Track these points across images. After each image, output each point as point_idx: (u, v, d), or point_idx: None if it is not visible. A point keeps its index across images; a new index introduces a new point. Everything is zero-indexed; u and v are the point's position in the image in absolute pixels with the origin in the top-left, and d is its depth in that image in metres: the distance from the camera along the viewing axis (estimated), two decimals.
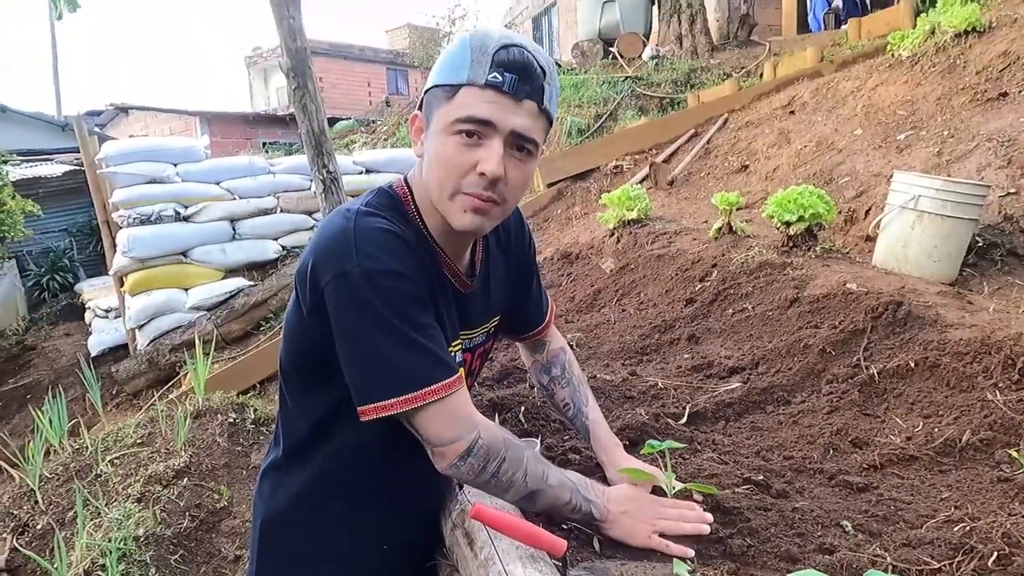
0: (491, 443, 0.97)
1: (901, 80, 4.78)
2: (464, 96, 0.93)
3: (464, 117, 0.93)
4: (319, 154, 2.62)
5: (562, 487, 1.02)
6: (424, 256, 1.02)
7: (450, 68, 0.95)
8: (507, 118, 0.93)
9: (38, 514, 2.78)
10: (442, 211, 1.00)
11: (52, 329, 8.00)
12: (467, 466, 0.96)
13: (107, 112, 16.31)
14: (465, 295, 1.12)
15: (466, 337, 1.16)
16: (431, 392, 0.93)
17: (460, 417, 0.96)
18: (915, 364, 1.83)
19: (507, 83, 0.92)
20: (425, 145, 1.00)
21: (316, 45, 16.98)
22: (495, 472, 0.97)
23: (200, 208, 5.85)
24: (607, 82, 7.64)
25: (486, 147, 0.94)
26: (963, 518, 1.18)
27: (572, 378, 1.37)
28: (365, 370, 0.95)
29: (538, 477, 1.00)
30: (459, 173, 0.95)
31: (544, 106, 0.97)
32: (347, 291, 0.92)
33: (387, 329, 0.92)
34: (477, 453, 0.95)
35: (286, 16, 2.20)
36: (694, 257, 3.17)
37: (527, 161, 0.99)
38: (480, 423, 0.98)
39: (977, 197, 2.87)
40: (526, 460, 0.99)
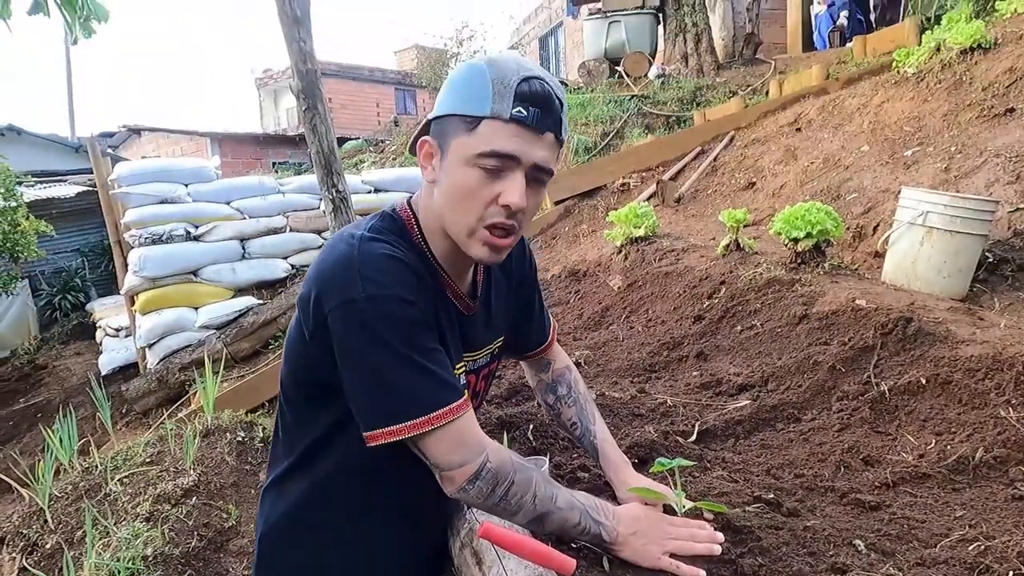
0: (499, 466, 0.97)
1: (907, 97, 4.79)
2: (487, 129, 0.93)
3: (489, 152, 0.93)
4: (328, 174, 2.65)
5: (571, 509, 1.01)
6: (428, 280, 1.02)
7: (469, 98, 0.95)
8: (530, 152, 0.94)
9: (47, 533, 2.77)
10: (458, 241, 1.00)
11: (63, 348, 8.05)
12: (476, 490, 0.96)
13: (120, 134, 16.54)
14: (468, 317, 1.12)
15: (470, 359, 1.16)
16: (438, 417, 0.93)
17: (468, 441, 0.96)
18: (926, 381, 1.82)
19: (531, 117, 0.93)
20: (440, 173, 1.00)
21: (326, 67, 17.21)
22: (504, 495, 0.97)
23: (211, 228, 5.90)
24: (613, 101, 7.69)
25: (509, 180, 0.95)
26: (978, 537, 1.16)
27: (579, 397, 1.37)
28: (372, 396, 0.95)
29: (547, 499, 1.00)
30: (482, 204, 0.96)
31: (561, 137, 0.99)
32: (352, 318, 0.93)
33: (393, 355, 0.93)
34: (485, 477, 0.96)
35: (297, 39, 2.24)
36: (702, 274, 3.17)
37: (540, 190, 1.01)
38: (488, 446, 0.98)
39: (986, 213, 2.86)
40: (535, 483, 0.99)
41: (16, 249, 7.02)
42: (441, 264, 1.06)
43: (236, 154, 15.10)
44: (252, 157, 15.28)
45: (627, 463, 1.32)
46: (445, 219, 1.01)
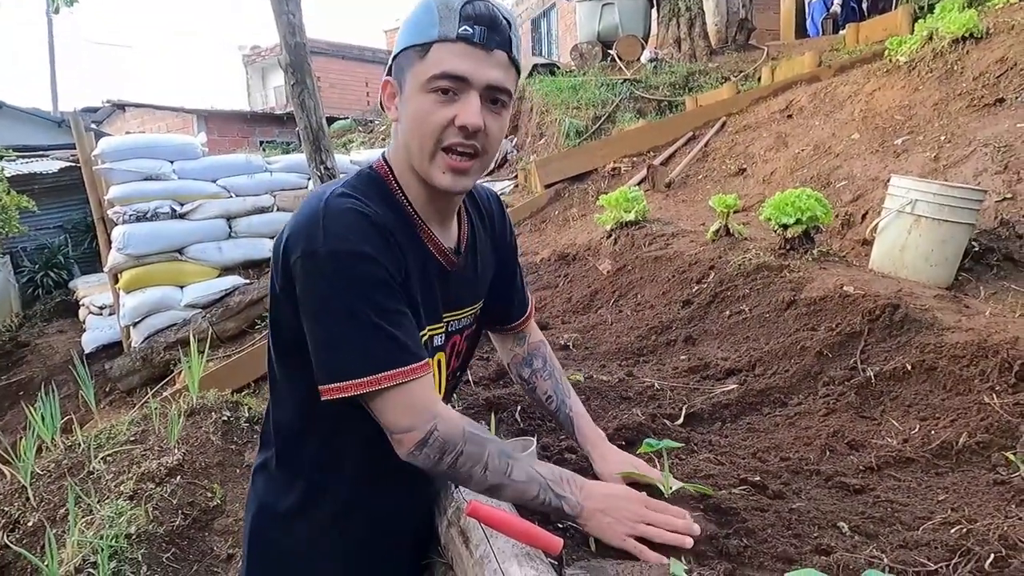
0: (448, 436, 0.96)
1: (899, 85, 4.79)
2: (436, 52, 0.95)
3: (439, 73, 0.94)
4: (317, 150, 2.61)
5: (529, 482, 1.00)
6: (404, 234, 1.02)
7: (418, 28, 0.97)
8: (481, 71, 0.95)
9: (29, 511, 2.76)
10: (422, 172, 1.01)
11: (46, 326, 7.95)
12: (423, 456, 0.95)
13: (104, 109, 16.25)
14: (451, 273, 1.12)
15: (452, 318, 1.16)
16: (389, 376, 0.93)
17: (418, 406, 0.95)
18: (912, 367, 1.83)
19: (477, 35, 0.94)
20: (400, 109, 1.01)
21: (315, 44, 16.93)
22: (451, 464, 0.96)
23: (196, 206, 5.83)
24: (605, 84, 7.65)
25: (463, 101, 0.95)
26: (960, 520, 1.18)
27: (554, 371, 1.37)
28: (327, 349, 0.95)
29: (500, 472, 0.98)
30: (439, 128, 0.96)
31: (513, 55, 0.99)
32: (313, 270, 0.93)
33: (351, 310, 0.93)
34: (432, 445, 0.95)
35: (285, 11, 2.20)
36: (691, 259, 3.17)
37: (502, 113, 1.01)
38: (440, 414, 0.97)
39: (973, 202, 2.88)
40: (487, 455, 0.98)
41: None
42: (420, 214, 1.06)
43: (223, 132, 14.90)
44: (239, 135, 15.08)
45: (602, 437, 1.33)
46: (409, 152, 1.01)
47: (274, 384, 1.14)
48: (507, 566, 0.92)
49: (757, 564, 1.05)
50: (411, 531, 1.23)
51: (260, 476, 1.18)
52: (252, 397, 3.89)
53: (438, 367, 1.14)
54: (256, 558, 1.18)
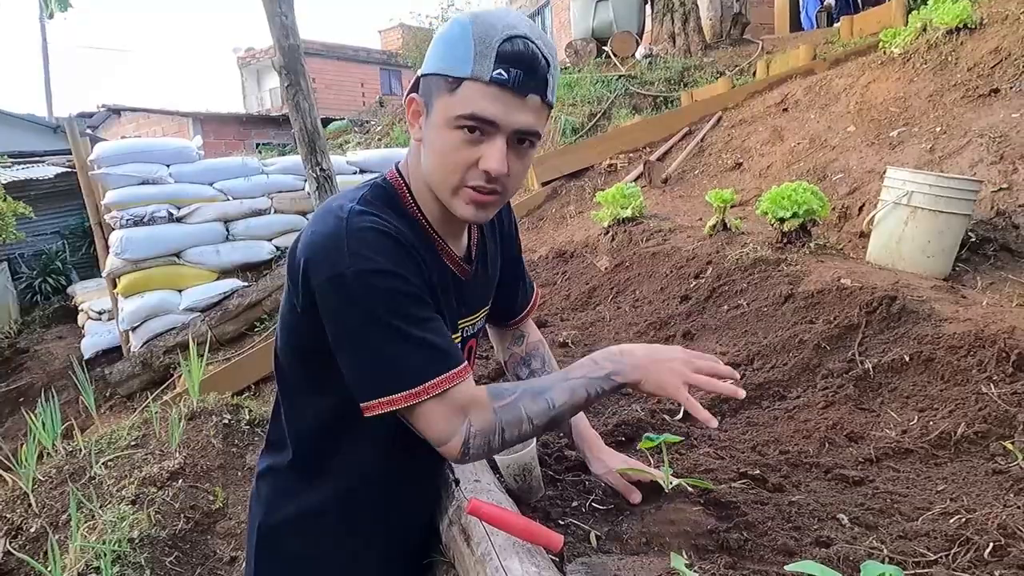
0: (483, 425, 0.95)
1: (893, 77, 4.80)
2: (467, 91, 0.91)
3: (467, 115, 0.91)
4: (312, 152, 2.61)
5: (574, 394, 0.99)
6: (423, 249, 1.01)
7: (451, 56, 0.93)
8: (511, 116, 0.92)
9: (31, 517, 2.75)
10: (444, 201, 1.00)
11: (45, 332, 7.95)
12: (473, 455, 0.97)
13: (99, 114, 16.22)
14: (465, 282, 1.12)
15: (467, 324, 1.16)
16: (433, 386, 0.92)
17: (454, 412, 0.94)
18: (910, 358, 1.84)
19: (512, 80, 0.90)
20: (425, 132, 0.98)
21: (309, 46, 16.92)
22: (500, 443, 0.97)
23: (193, 209, 5.82)
24: (601, 81, 7.64)
25: (489, 144, 0.93)
26: (959, 510, 1.18)
27: (553, 372, 1.35)
28: (365, 368, 0.94)
29: (544, 413, 0.98)
30: (462, 168, 0.95)
31: (548, 99, 0.96)
32: (342, 292, 0.92)
33: (385, 327, 0.91)
34: (475, 442, 0.95)
35: (278, 13, 2.19)
36: (689, 254, 3.17)
37: (528, 153, 0.99)
38: (467, 406, 0.95)
39: (969, 192, 2.88)
40: (523, 411, 0.97)
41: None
42: (435, 229, 1.05)
43: (219, 135, 14.88)
44: (235, 138, 15.06)
45: (598, 438, 1.34)
46: (431, 179, 1.00)
47: (288, 390, 1.13)
48: (508, 563, 0.93)
49: (758, 557, 1.05)
50: (419, 529, 1.25)
51: (268, 480, 1.17)
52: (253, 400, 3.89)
53: None
54: (262, 564, 1.17)
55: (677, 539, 1.07)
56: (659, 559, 1.01)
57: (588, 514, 1.20)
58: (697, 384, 0.99)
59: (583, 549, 1.06)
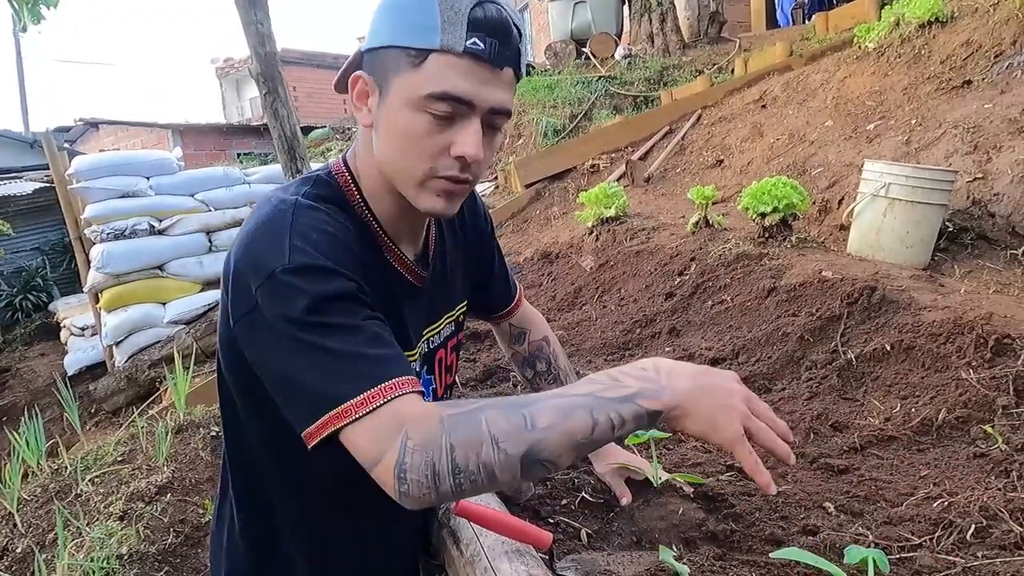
0: (423, 437, 0.70)
1: (869, 71, 4.86)
2: (436, 65, 0.79)
3: (439, 92, 0.79)
4: (292, 159, 2.60)
5: (570, 415, 0.71)
6: (371, 255, 0.90)
7: (413, 27, 0.80)
8: (487, 94, 0.81)
9: (17, 537, 2.71)
10: (406, 194, 0.87)
11: (27, 350, 7.83)
12: (412, 482, 0.70)
13: (76, 128, 16.03)
14: (421, 289, 0.99)
15: (431, 333, 1.05)
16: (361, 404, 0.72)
17: (388, 428, 0.71)
18: (891, 347, 1.86)
19: (488, 50, 0.79)
20: (378, 115, 0.85)
21: (289, 54, 16.86)
22: (451, 467, 0.69)
23: (175, 221, 5.77)
24: (581, 82, 7.68)
25: (463, 128, 0.81)
26: (942, 494, 1.20)
27: (559, 373, 1.29)
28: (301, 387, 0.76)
29: (519, 432, 0.70)
30: (431, 156, 0.82)
31: (520, 72, 0.85)
32: (275, 294, 0.77)
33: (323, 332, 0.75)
34: (413, 462, 0.69)
35: (254, 21, 2.19)
36: (672, 252, 3.20)
37: (496, 135, 0.88)
38: (407, 422, 0.71)
39: (946, 183, 2.92)
40: (485, 426, 0.70)
41: None
42: (387, 231, 0.93)
43: (199, 145, 14.76)
44: (216, 148, 14.95)
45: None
46: (389, 168, 0.87)
47: (234, 422, 0.97)
48: (497, 563, 0.93)
49: (746, 547, 1.06)
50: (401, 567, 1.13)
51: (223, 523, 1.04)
52: None
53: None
54: None
55: (666, 533, 1.08)
56: (649, 553, 1.02)
57: (578, 511, 1.21)
58: (755, 433, 0.73)
59: (573, 546, 1.07)
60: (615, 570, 0.95)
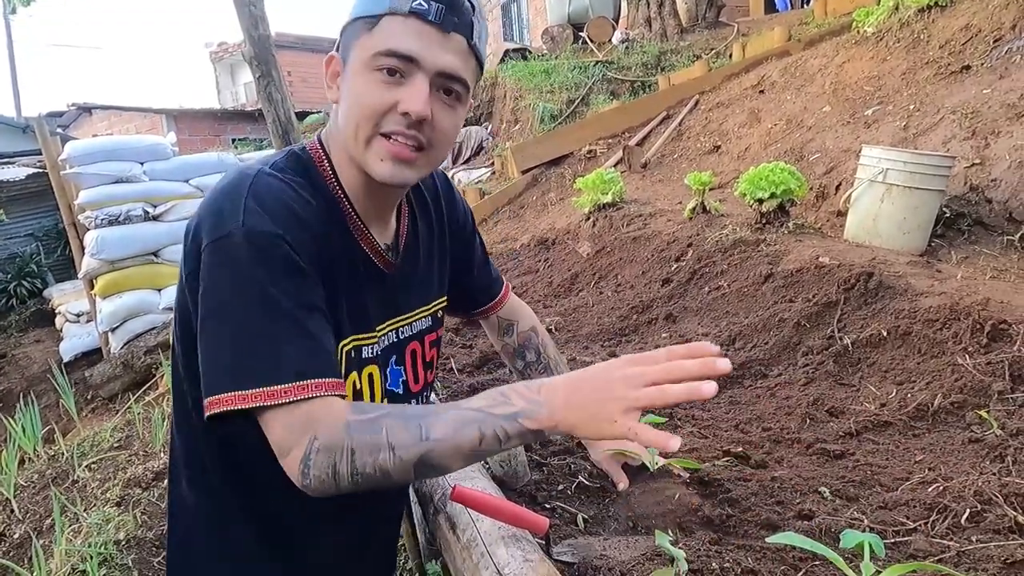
0: (329, 438, 0.75)
1: (867, 56, 4.83)
2: (385, 26, 0.84)
3: (385, 50, 0.83)
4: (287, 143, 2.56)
5: (461, 428, 0.76)
6: (337, 230, 0.90)
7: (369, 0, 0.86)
8: (433, 54, 0.84)
9: (15, 523, 2.72)
10: (358, 159, 0.88)
11: (22, 336, 7.82)
12: (315, 477, 0.75)
13: (69, 112, 15.89)
14: (388, 276, 0.98)
15: (400, 323, 1.02)
16: (289, 391, 0.75)
17: (302, 423, 0.76)
18: (887, 333, 1.86)
19: (433, 12, 0.83)
20: (341, 88, 0.89)
21: (284, 38, 16.70)
22: (351, 470, 0.75)
23: (170, 207, 5.73)
24: (578, 67, 7.62)
25: (409, 85, 0.84)
26: (937, 479, 1.20)
27: (549, 362, 1.30)
28: (226, 351, 0.78)
29: (414, 442, 0.76)
30: (378, 112, 0.84)
31: (473, 42, 0.87)
32: (223, 253, 0.78)
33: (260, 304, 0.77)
34: (317, 460, 0.75)
35: (247, 3, 2.15)
36: (669, 238, 3.19)
37: (456, 107, 0.88)
38: (319, 422, 0.76)
39: (943, 169, 2.92)
40: (385, 432, 0.76)
41: None
42: (357, 209, 0.93)
43: (193, 131, 14.64)
44: (210, 134, 14.84)
45: None
46: (344, 135, 0.88)
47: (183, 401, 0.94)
48: (494, 549, 0.93)
49: (742, 532, 1.06)
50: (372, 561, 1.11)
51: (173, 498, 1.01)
52: None
53: (369, 382, 0.95)
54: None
55: (662, 518, 1.08)
56: (645, 538, 1.02)
57: (574, 497, 1.21)
58: (650, 404, 0.73)
59: (570, 531, 1.07)
60: (611, 555, 0.95)
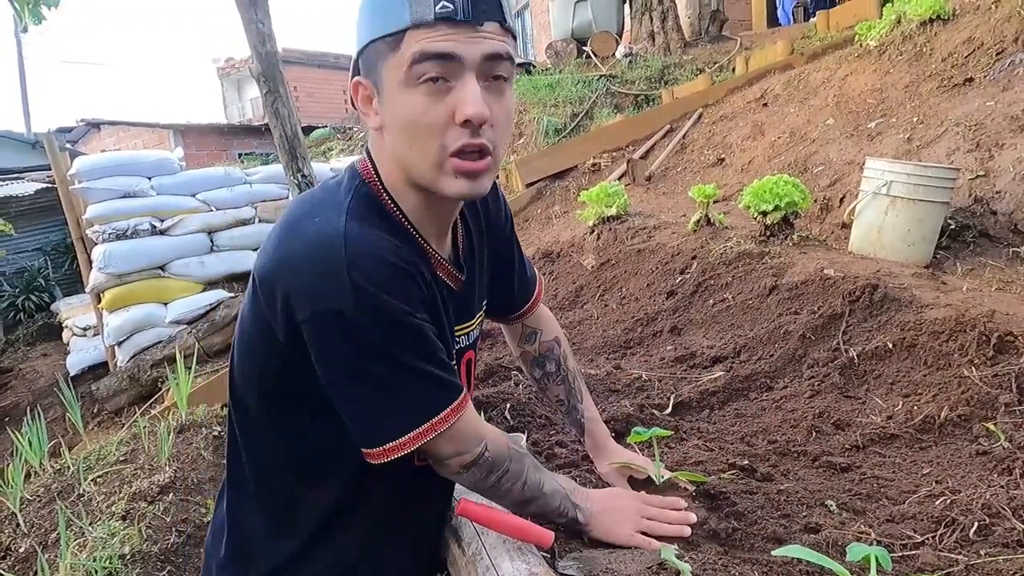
0: (497, 456, 0.94)
1: (870, 69, 4.85)
2: (413, 38, 0.77)
3: (419, 54, 0.76)
4: (293, 159, 2.60)
5: (554, 494, 1.01)
6: (422, 266, 0.88)
7: (384, 13, 0.78)
8: (472, 46, 0.77)
9: (20, 537, 2.72)
10: (429, 185, 0.84)
11: (29, 350, 7.85)
12: (470, 475, 0.93)
13: (78, 128, 16.05)
14: (457, 292, 1.00)
15: (464, 332, 1.06)
16: (441, 421, 0.87)
17: (467, 435, 0.91)
18: (893, 345, 1.86)
19: (461, 8, 0.75)
20: (382, 113, 0.84)
21: (290, 54, 16.88)
22: (495, 483, 0.95)
23: (176, 221, 5.78)
24: (582, 81, 7.67)
25: (459, 88, 0.78)
26: (944, 492, 1.20)
27: (567, 375, 1.29)
28: (369, 412, 0.85)
29: (535, 487, 0.99)
30: (437, 130, 0.79)
31: (508, 23, 0.81)
32: (340, 329, 0.79)
33: (389, 366, 0.82)
34: (482, 465, 0.93)
35: (254, 20, 2.19)
36: (674, 250, 3.19)
37: (505, 89, 0.83)
38: (487, 435, 0.94)
39: (947, 180, 2.92)
40: (526, 471, 0.98)
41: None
42: (422, 235, 0.91)
43: (200, 146, 14.77)
44: (217, 148, 14.96)
45: (607, 435, 1.32)
46: (406, 163, 0.84)
47: (249, 425, 0.97)
48: (499, 562, 0.93)
49: (748, 546, 1.06)
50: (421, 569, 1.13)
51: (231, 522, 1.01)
52: None
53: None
54: None
55: None
56: (650, 552, 1.02)
57: None
58: (648, 529, 1.03)
59: (575, 545, 1.06)
60: (617, 568, 0.94)
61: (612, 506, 1.07)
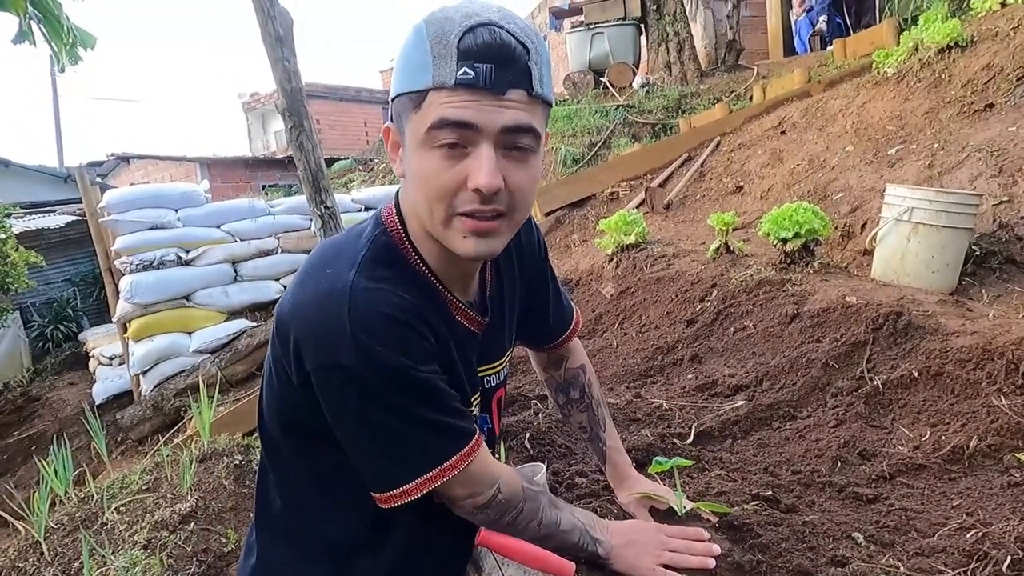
0: (510, 497, 0.95)
1: (888, 96, 4.85)
2: (433, 101, 0.77)
3: (437, 121, 0.76)
4: (317, 191, 2.66)
5: (572, 530, 1.02)
6: (434, 316, 0.89)
7: (410, 69, 0.78)
8: (492, 118, 0.76)
9: (44, 566, 2.74)
10: (439, 239, 0.85)
11: (56, 379, 7.98)
12: (483, 515, 0.95)
13: (108, 162, 16.52)
14: (480, 335, 1.00)
15: (491, 372, 1.07)
16: (450, 468, 0.88)
17: (480, 478, 0.92)
18: (919, 373, 1.83)
19: (483, 77, 0.74)
20: (405, 164, 0.85)
21: (313, 89, 17.28)
22: (510, 522, 0.96)
23: (201, 252, 5.89)
24: (599, 111, 7.75)
25: (474, 157, 0.77)
26: (975, 524, 1.17)
27: (591, 402, 1.30)
28: (377, 458, 0.88)
29: (552, 524, 1.00)
30: (448, 192, 0.79)
31: (536, 91, 0.78)
32: (343, 382, 0.82)
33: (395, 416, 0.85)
34: (495, 507, 0.94)
35: (281, 58, 2.26)
36: (693, 278, 3.18)
37: (529, 159, 0.81)
38: (500, 476, 0.94)
39: (970, 207, 2.89)
40: (542, 509, 0.99)
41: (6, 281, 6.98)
42: (443, 282, 0.92)
43: (225, 178, 15.10)
44: (242, 180, 15.28)
45: (628, 465, 1.31)
46: (420, 214, 0.85)
47: (278, 462, 1.00)
48: None
49: None
50: None
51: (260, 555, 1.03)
52: None
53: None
54: None
55: None
56: None
57: None
58: (671, 562, 1.03)
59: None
60: None
61: (633, 539, 1.06)
